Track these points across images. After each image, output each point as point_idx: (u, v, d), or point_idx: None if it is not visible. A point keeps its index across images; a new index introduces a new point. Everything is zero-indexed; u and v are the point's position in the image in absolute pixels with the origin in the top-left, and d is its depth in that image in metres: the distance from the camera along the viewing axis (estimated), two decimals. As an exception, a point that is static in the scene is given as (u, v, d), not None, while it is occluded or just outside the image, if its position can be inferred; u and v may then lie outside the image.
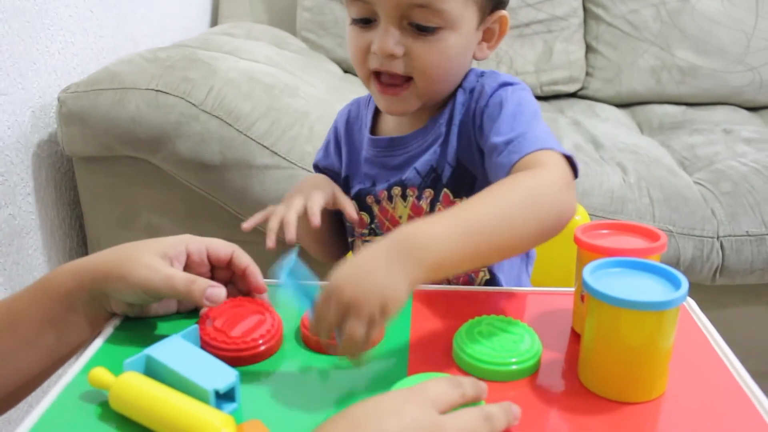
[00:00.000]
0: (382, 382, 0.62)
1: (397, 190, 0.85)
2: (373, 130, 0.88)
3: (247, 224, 0.77)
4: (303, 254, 0.67)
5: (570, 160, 0.72)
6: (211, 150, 1.26)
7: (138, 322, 0.71)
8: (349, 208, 0.82)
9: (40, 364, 0.67)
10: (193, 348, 0.62)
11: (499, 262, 0.71)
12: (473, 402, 0.54)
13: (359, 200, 0.88)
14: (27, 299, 0.66)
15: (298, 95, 1.39)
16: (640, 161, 1.49)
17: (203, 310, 0.68)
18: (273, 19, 2.11)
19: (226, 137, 1.26)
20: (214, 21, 2.19)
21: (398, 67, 0.76)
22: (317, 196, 0.79)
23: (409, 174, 0.84)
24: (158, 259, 0.66)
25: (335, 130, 0.94)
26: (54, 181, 1.37)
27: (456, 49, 0.77)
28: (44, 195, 1.33)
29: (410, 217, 0.85)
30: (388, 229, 0.87)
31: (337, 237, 0.94)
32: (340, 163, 0.92)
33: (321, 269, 0.66)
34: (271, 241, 0.73)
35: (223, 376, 0.58)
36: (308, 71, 1.65)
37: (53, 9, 1.32)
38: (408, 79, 0.78)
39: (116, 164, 1.34)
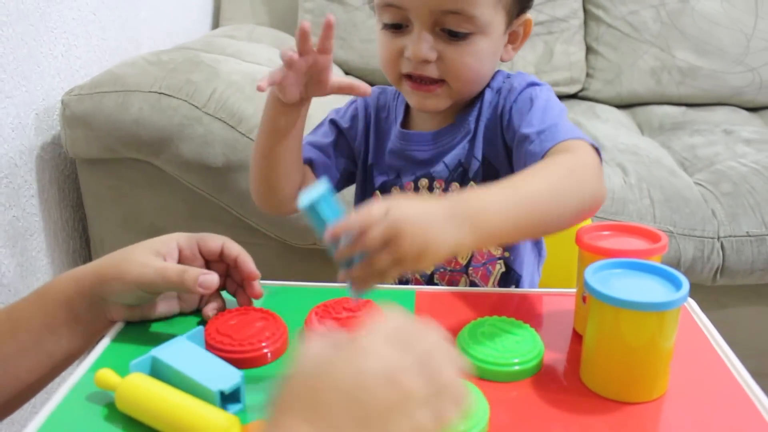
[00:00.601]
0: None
1: (424, 182, 0.87)
2: (403, 123, 0.90)
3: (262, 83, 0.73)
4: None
5: (597, 151, 0.75)
6: (213, 152, 1.26)
7: (143, 324, 0.72)
8: (354, 82, 0.80)
9: (39, 371, 0.67)
10: (199, 349, 0.63)
11: (543, 235, 0.74)
12: None
13: (384, 191, 0.90)
14: (27, 306, 0.67)
15: (300, 97, 1.39)
16: (641, 162, 1.49)
17: (206, 304, 0.70)
18: (274, 21, 2.12)
19: (229, 139, 1.27)
20: (216, 23, 2.19)
21: (431, 71, 0.79)
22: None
23: (437, 167, 0.87)
24: (151, 255, 0.68)
25: (365, 108, 0.93)
26: (57, 183, 1.38)
27: (486, 52, 0.80)
28: (48, 197, 1.34)
29: None
30: None
31: (293, 171, 0.86)
32: (363, 142, 0.92)
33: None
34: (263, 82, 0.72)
35: (228, 377, 0.59)
36: (310, 73, 1.66)
37: (56, 12, 1.32)
38: (440, 80, 0.80)
39: (119, 166, 1.34)
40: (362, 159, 0.93)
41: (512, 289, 0.86)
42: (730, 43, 1.99)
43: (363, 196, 0.93)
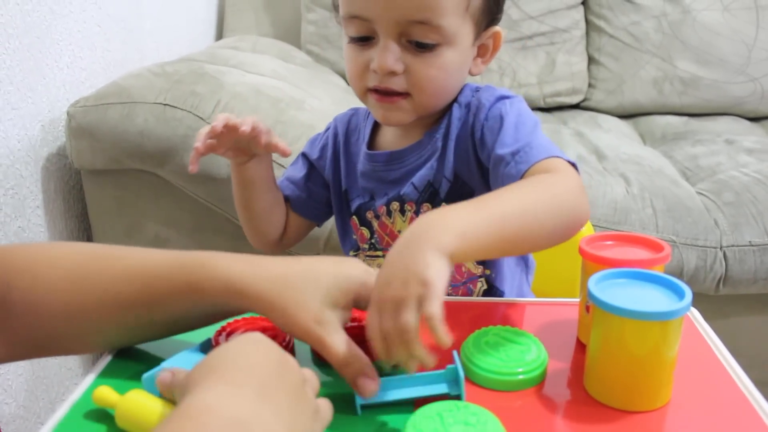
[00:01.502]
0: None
1: (395, 205, 0.86)
2: (371, 144, 0.89)
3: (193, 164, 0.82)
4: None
5: (574, 167, 0.74)
6: (218, 163, 1.27)
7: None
8: (278, 141, 0.82)
9: (129, 339, 0.67)
10: None
11: (522, 253, 0.71)
12: None
13: (359, 215, 0.89)
14: (171, 288, 0.60)
15: (303, 108, 1.40)
16: (643, 172, 1.50)
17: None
18: (278, 33, 2.13)
19: (233, 150, 1.27)
20: (220, 34, 2.21)
21: (398, 84, 0.77)
22: (220, 117, 0.81)
23: (406, 189, 0.85)
24: (326, 309, 0.58)
25: (335, 136, 0.93)
26: (62, 193, 1.38)
27: (453, 64, 0.79)
28: (53, 207, 1.35)
29: None
30: (388, 244, 0.88)
31: (276, 213, 0.92)
32: (332, 171, 0.92)
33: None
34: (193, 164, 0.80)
35: None
36: (313, 84, 1.67)
37: (62, 24, 1.34)
38: (405, 93, 0.78)
39: (124, 177, 1.35)
40: (334, 185, 0.93)
41: (516, 299, 0.86)
42: (731, 54, 2.00)
43: (342, 222, 0.94)
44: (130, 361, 0.68)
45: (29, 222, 1.27)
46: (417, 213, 0.85)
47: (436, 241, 0.56)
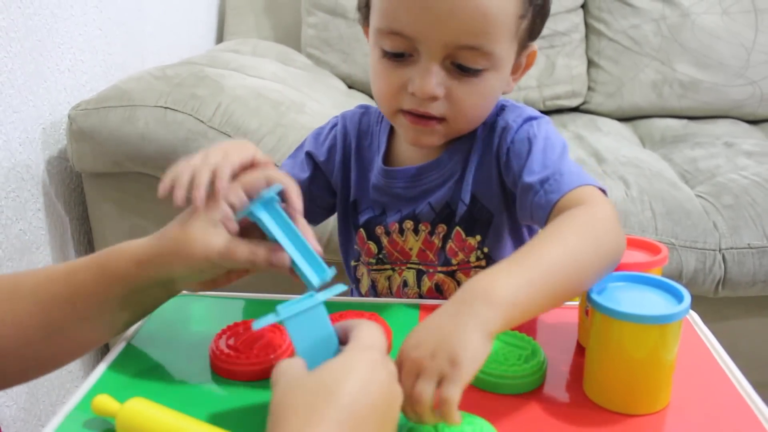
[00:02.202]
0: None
1: (408, 224, 0.83)
2: (385, 154, 0.84)
3: (162, 188, 0.66)
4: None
5: (604, 193, 0.71)
6: (218, 166, 1.27)
7: (144, 345, 0.73)
8: (294, 193, 0.66)
9: (98, 336, 0.67)
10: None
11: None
12: None
13: (368, 229, 0.86)
14: (87, 277, 0.64)
15: (304, 111, 1.41)
16: (642, 175, 1.50)
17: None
18: (278, 36, 2.13)
19: (234, 153, 1.28)
20: (220, 38, 2.21)
21: (436, 109, 0.72)
22: (234, 156, 0.66)
23: (422, 208, 0.82)
24: (210, 228, 0.62)
25: (344, 137, 0.87)
26: (64, 197, 1.39)
27: (496, 90, 0.74)
28: (54, 210, 1.35)
29: (421, 250, 0.83)
30: (397, 259, 0.85)
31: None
32: (341, 177, 0.87)
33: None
34: (179, 197, 0.64)
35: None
36: (314, 87, 1.67)
37: (63, 28, 1.34)
38: (441, 118, 0.73)
39: (125, 180, 1.35)
40: (342, 194, 0.87)
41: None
42: (730, 57, 2.00)
43: (346, 232, 0.89)
44: (129, 365, 0.69)
45: (30, 225, 1.27)
46: (432, 234, 0.82)
47: (482, 317, 0.53)
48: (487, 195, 0.80)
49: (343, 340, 0.54)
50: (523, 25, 0.72)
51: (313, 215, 0.90)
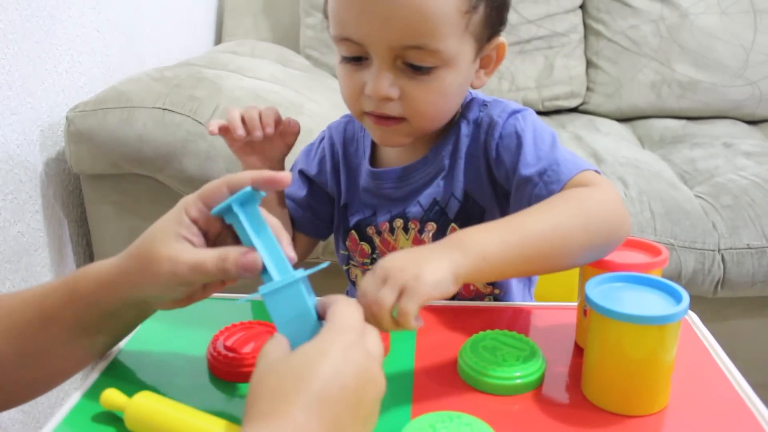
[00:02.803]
0: (388, 393, 0.63)
1: (398, 223, 0.84)
2: (372, 157, 0.86)
3: (212, 127, 0.81)
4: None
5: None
6: (217, 167, 1.27)
7: (139, 349, 0.72)
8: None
9: (77, 363, 0.65)
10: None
11: (547, 272, 0.69)
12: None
13: (359, 230, 0.87)
14: (57, 302, 0.61)
15: (302, 112, 1.40)
16: (641, 175, 1.50)
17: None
18: (276, 37, 2.13)
19: (232, 155, 1.27)
20: (218, 39, 2.21)
21: (393, 110, 0.74)
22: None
23: (411, 207, 0.83)
24: (175, 244, 0.58)
25: (331, 147, 0.90)
26: (62, 198, 1.38)
27: (453, 86, 0.74)
28: (52, 212, 1.35)
29: None
30: None
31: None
32: (334, 184, 0.89)
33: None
34: (213, 126, 0.80)
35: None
36: (312, 88, 1.67)
37: (61, 29, 1.34)
38: (401, 117, 0.75)
39: (123, 182, 1.35)
40: (337, 199, 0.90)
41: (513, 303, 0.86)
42: (729, 57, 2.00)
43: (338, 235, 0.91)
44: (124, 370, 0.69)
45: (28, 227, 1.27)
46: (421, 232, 0.83)
47: (454, 259, 0.58)
48: (477, 190, 0.81)
49: (322, 316, 0.54)
50: (475, 19, 0.72)
51: (319, 229, 0.92)
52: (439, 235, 0.82)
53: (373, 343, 0.52)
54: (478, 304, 0.83)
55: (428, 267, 0.56)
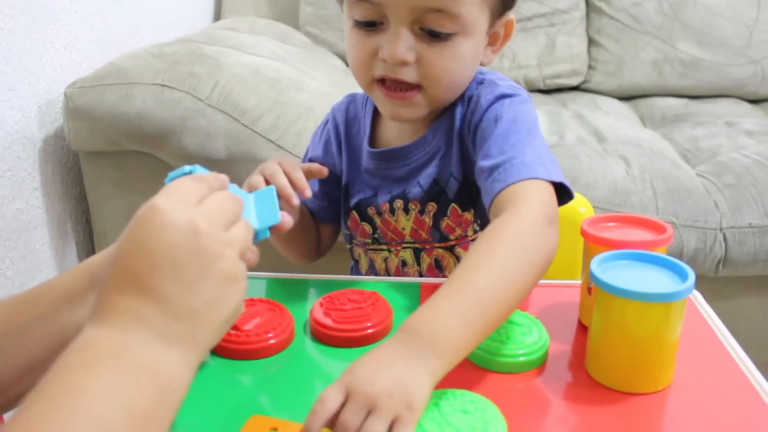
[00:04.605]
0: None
1: (399, 203, 0.83)
2: (372, 138, 0.85)
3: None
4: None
5: (562, 186, 0.70)
6: (216, 144, 1.26)
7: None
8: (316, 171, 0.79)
9: (48, 344, 0.59)
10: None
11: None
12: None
13: (360, 210, 0.86)
14: (61, 275, 0.60)
15: (302, 89, 1.39)
16: (643, 154, 1.49)
17: None
18: (276, 14, 2.11)
19: (232, 131, 1.27)
20: (217, 16, 2.19)
21: (408, 75, 0.72)
22: (295, 165, 0.76)
23: (411, 187, 0.82)
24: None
25: (335, 128, 0.89)
26: (60, 176, 1.38)
27: (469, 55, 0.73)
28: (51, 190, 1.34)
29: (413, 229, 0.84)
30: (392, 239, 0.86)
31: (307, 232, 0.89)
32: (341, 164, 0.88)
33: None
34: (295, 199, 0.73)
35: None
36: (312, 65, 1.66)
37: (59, 5, 1.32)
38: (417, 86, 0.74)
39: (122, 159, 1.34)
40: (342, 180, 0.89)
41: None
42: (732, 35, 1.99)
43: (341, 215, 0.90)
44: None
45: (27, 204, 1.26)
46: (421, 212, 0.82)
47: (431, 366, 0.52)
48: (471, 171, 0.79)
49: None
50: None
51: (339, 215, 0.91)
52: (440, 215, 0.82)
53: (211, 210, 0.47)
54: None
55: (416, 389, 0.50)
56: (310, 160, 0.90)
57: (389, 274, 0.88)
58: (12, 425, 0.37)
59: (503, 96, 0.77)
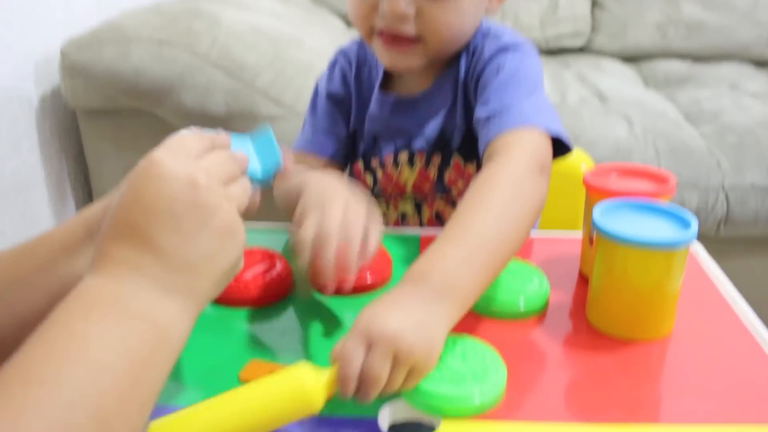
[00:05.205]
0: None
1: (404, 156, 0.82)
2: (383, 84, 0.83)
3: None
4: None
5: (559, 140, 0.69)
6: (215, 101, 1.25)
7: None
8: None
9: (47, 295, 0.57)
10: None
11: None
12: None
13: (364, 160, 0.85)
14: (62, 225, 0.59)
15: (302, 47, 1.38)
16: (646, 114, 1.48)
17: None
18: (275, -27, 2.08)
19: (231, 88, 1.25)
20: (216, -25, 2.16)
21: (408, 29, 0.71)
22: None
23: (417, 139, 0.81)
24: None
25: (348, 67, 0.85)
26: (58, 134, 1.37)
27: (471, 8, 0.72)
28: (49, 148, 1.33)
29: (416, 183, 0.83)
30: (392, 194, 0.85)
31: None
32: (356, 97, 0.85)
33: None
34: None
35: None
36: (312, 24, 1.64)
37: (54, -40, 1.30)
38: (416, 38, 0.72)
39: (121, 117, 1.33)
40: (350, 125, 0.86)
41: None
42: (738, -3, 1.96)
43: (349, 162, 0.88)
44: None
45: (25, 163, 1.25)
46: (427, 165, 0.82)
47: (449, 315, 0.51)
48: (473, 125, 0.77)
49: None
50: None
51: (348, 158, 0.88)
52: (444, 167, 0.81)
53: (210, 165, 0.46)
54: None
55: (435, 342, 0.49)
56: (330, 97, 0.85)
57: None
58: (8, 368, 0.37)
59: (506, 47, 0.76)
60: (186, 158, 0.46)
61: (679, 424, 0.50)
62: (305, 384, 0.47)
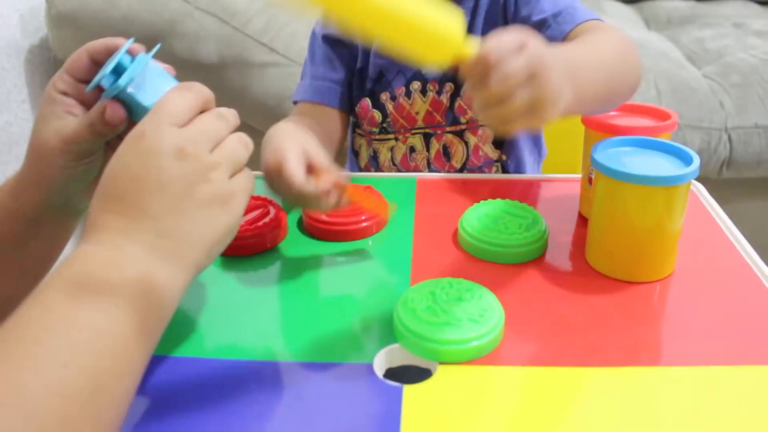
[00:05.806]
0: (386, 265, 0.62)
1: (416, 85, 0.82)
2: None
3: None
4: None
5: None
6: (207, 48, 1.22)
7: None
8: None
9: (11, 284, 0.59)
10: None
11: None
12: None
13: (373, 96, 0.85)
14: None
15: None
16: (647, 54, 1.45)
17: None
18: None
19: (223, 35, 1.22)
20: None
21: None
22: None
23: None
24: (57, 122, 0.56)
25: None
26: (48, 87, 1.34)
27: None
28: (40, 101, 1.31)
29: (428, 113, 0.83)
30: (402, 126, 0.84)
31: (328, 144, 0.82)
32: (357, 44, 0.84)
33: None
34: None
35: None
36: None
37: None
38: None
39: (111, 68, 1.31)
40: (357, 63, 0.85)
41: (515, 175, 0.84)
42: (743, -69, 1.91)
43: (351, 104, 0.87)
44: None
45: (16, 117, 1.23)
46: (439, 93, 0.82)
47: (568, 90, 0.49)
48: None
49: None
50: None
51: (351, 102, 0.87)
52: (456, 94, 0.81)
53: (198, 133, 0.46)
54: (479, 177, 0.81)
55: (564, 94, 0.48)
56: (327, 39, 0.84)
57: (394, 164, 0.87)
58: (4, 327, 0.37)
59: None
60: (172, 127, 0.45)
61: (681, 367, 0.49)
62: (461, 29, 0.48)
